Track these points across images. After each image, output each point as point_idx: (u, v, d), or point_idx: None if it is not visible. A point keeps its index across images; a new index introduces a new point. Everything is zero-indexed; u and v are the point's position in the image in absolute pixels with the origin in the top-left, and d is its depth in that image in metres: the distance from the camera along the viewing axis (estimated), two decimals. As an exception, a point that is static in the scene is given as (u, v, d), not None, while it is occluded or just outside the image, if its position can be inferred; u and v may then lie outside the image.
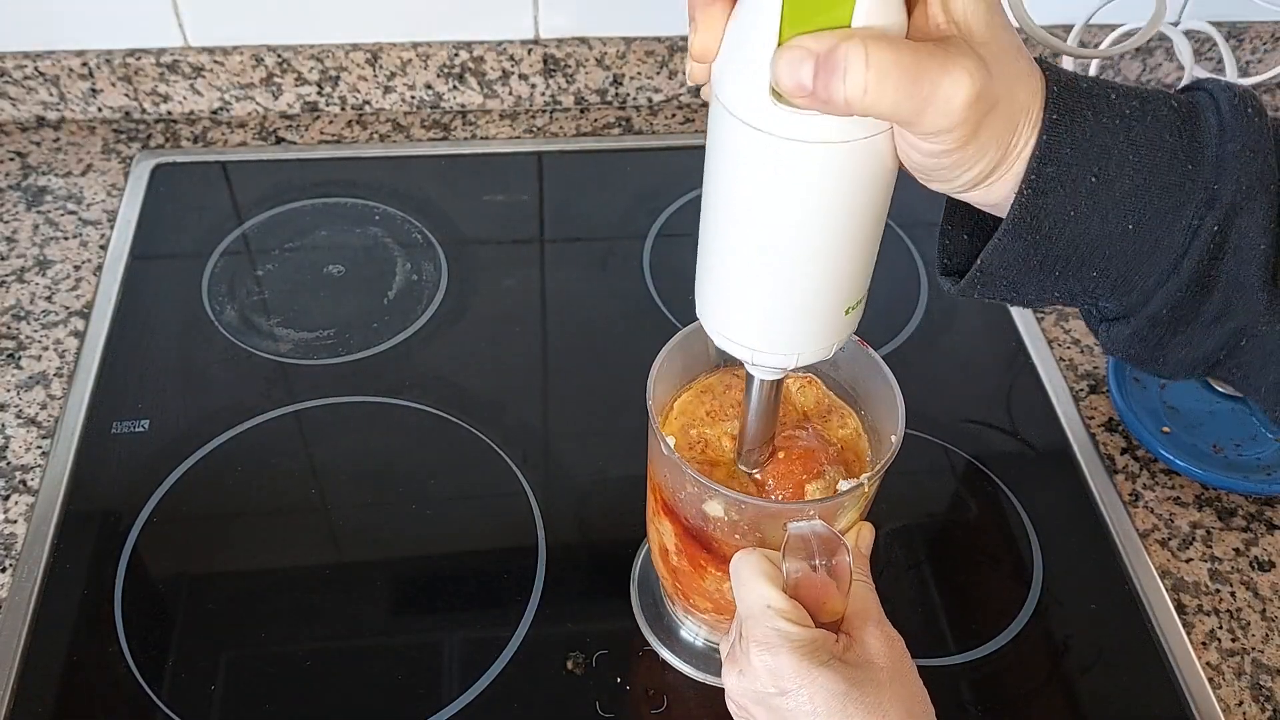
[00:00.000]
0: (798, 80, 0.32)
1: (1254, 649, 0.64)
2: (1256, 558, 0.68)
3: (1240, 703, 0.62)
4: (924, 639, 0.63)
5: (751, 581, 0.46)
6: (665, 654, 0.62)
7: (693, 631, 0.62)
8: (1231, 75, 0.68)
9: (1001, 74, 0.33)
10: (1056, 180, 0.34)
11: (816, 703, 0.43)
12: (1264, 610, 0.66)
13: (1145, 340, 0.38)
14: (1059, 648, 0.64)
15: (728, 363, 0.55)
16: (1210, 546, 0.69)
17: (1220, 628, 0.65)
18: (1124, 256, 0.36)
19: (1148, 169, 0.34)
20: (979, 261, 0.37)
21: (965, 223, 0.40)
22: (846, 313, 0.41)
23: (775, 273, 0.39)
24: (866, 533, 0.52)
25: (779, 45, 0.32)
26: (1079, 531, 0.69)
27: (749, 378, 0.46)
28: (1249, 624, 0.65)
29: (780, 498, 0.50)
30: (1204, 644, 0.64)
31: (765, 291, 0.40)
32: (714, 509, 0.49)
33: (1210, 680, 0.62)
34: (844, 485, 0.50)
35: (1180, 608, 0.66)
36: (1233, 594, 0.67)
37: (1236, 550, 0.69)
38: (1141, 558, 0.68)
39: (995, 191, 0.36)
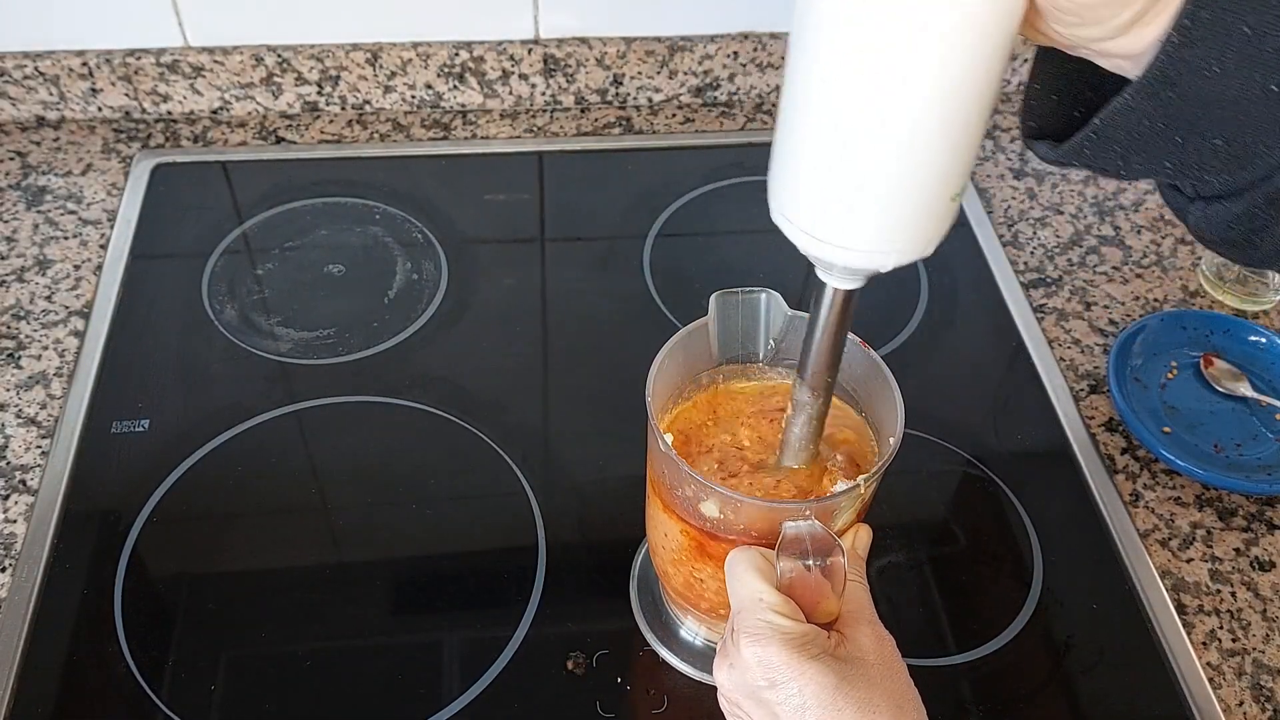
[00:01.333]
0: None
1: (1254, 649, 0.64)
2: (1257, 558, 0.68)
3: (1240, 703, 0.62)
4: (924, 639, 0.63)
5: (745, 576, 0.47)
6: (664, 653, 0.62)
7: (692, 631, 0.62)
8: None
9: None
10: (1210, 27, 0.31)
11: (806, 695, 0.43)
12: (1264, 610, 0.66)
13: (1253, 220, 0.36)
14: (1059, 648, 0.64)
15: (728, 360, 0.55)
16: (1211, 546, 0.69)
17: (1221, 628, 0.65)
18: (1258, 123, 0.33)
19: None
20: (1097, 121, 0.34)
21: (1056, 84, 0.37)
22: (951, 200, 0.37)
23: (881, 150, 0.35)
24: (864, 534, 0.52)
25: None
26: (1079, 531, 0.69)
27: (819, 289, 0.42)
28: (1249, 624, 0.65)
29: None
30: (1204, 644, 0.64)
31: (868, 174, 0.35)
32: (710, 508, 0.49)
33: (1210, 680, 0.62)
34: (840, 486, 0.50)
35: (1180, 608, 0.66)
36: (1233, 594, 0.67)
37: (1237, 550, 0.69)
38: (1142, 558, 0.68)
39: (1144, 37, 0.33)
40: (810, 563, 0.45)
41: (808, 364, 0.46)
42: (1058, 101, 0.37)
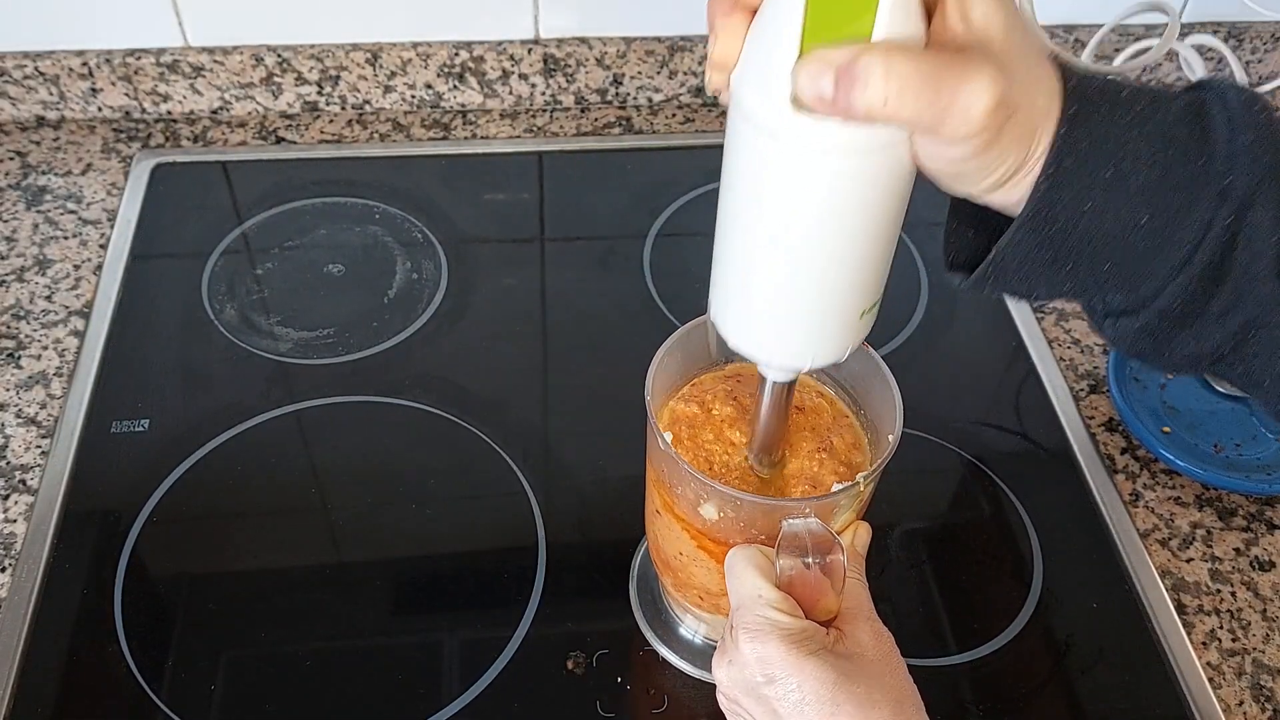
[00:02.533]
0: (818, 90, 0.32)
1: (1254, 649, 0.64)
2: (1257, 558, 0.68)
3: (1240, 703, 0.62)
4: (924, 639, 0.63)
5: (744, 573, 0.47)
6: (664, 652, 0.62)
7: (692, 629, 0.62)
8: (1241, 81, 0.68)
9: (1021, 79, 0.33)
10: (1074, 173, 0.34)
11: (805, 691, 0.43)
12: (1264, 610, 0.66)
13: (1154, 334, 0.38)
14: (1059, 648, 0.64)
15: (728, 359, 0.55)
16: (1210, 546, 0.69)
17: (1220, 628, 0.65)
18: (1137, 250, 0.36)
19: (1162, 163, 0.35)
20: (993, 255, 0.37)
21: (970, 219, 0.40)
22: (861, 316, 0.42)
23: (793, 277, 0.39)
24: (863, 532, 0.52)
25: (800, 56, 0.33)
26: (1079, 531, 0.69)
27: (761, 379, 0.47)
28: (1249, 624, 0.65)
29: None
30: (1204, 644, 0.64)
31: (782, 295, 0.40)
32: (710, 506, 0.49)
33: (1210, 680, 0.62)
34: (838, 485, 0.50)
35: (1180, 608, 0.66)
36: (1233, 594, 0.67)
37: (1237, 550, 0.69)
38: (1142, 558, 0.68)
39: (1016, 192, 0.36)
40: (810, 560, 0.45)
41: (755, 441, 0.50)
42: (971, 236, 0.40)
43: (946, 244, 0.41)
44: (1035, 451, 0.74)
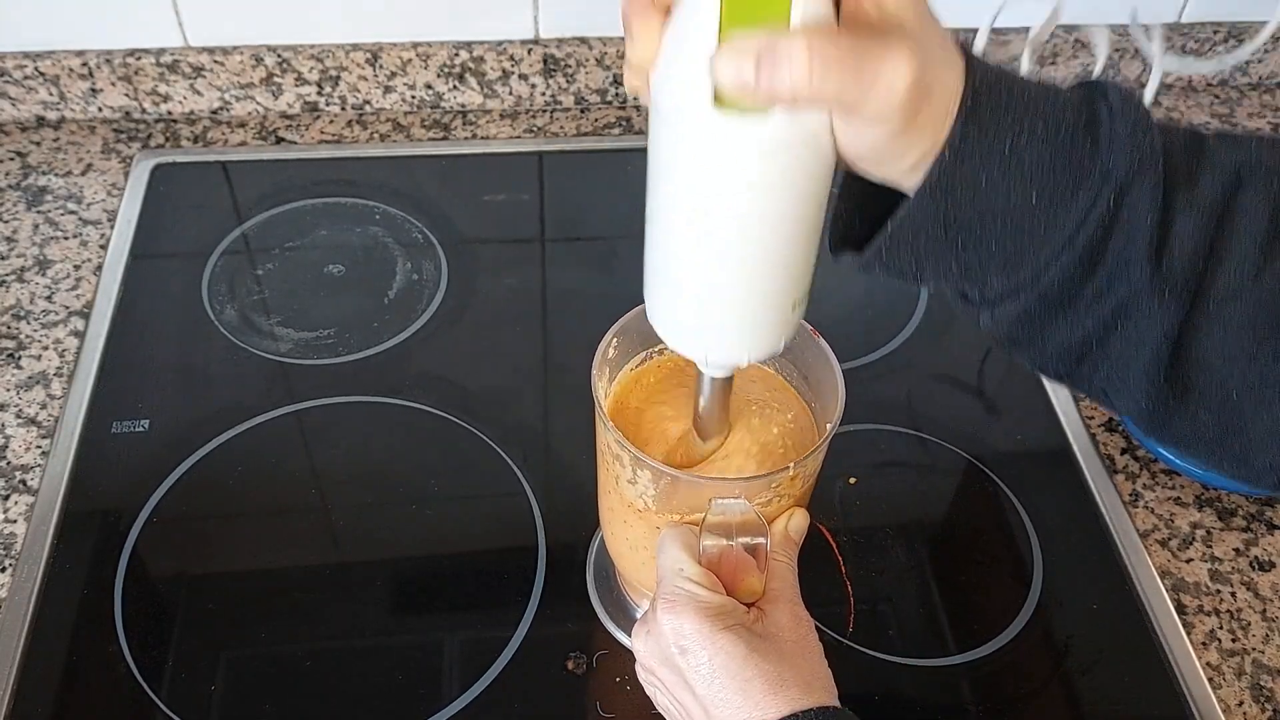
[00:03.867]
0: (740, 77, 0.33)
1: (1254, 649, 0.64)
2: (1256, 558, 0.68)
3: (1240, 703, 0.62)
4: (924, 639, 0.63)
5: (669, 548, 0.48)
6: (623, 637, 0.62)
7: None
8: (1157, 70, 0.68)
9: (934, 59, 0.35)
10: (974, 146, 0.36)
11: (715, 664, 0.45)
12: (1264, 610, 0.66)
13: (1031, 320, 0.40)
14: (1059, 648, 0.64)
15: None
16: (1210, 546, 0.69)
17: (1220, 628, 0.65)
18: (1025, 228, 0.37)
19: (1054, 144, 0.36)
20: (889, 227, 0.38)
21: (860, 204, 0.41)
22: (794, 308, 0.42)
23: (722, 274, 0.40)
24: (799, 518, 0.52)
25: (719, 45, 0.33)
26: (1079, 531, 0.69)
27: (700, 375, 0.47)
28: (1249, 624, 0.65)
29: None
30: (1204, 644, 0.64)
31: (713, 293, 0.41)
32: (644, 481, 0.50)
33: (1210, 680, 0.62)
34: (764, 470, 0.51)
35: (1180, 608, 0.66)
36: (1233, 594, 0.67)
37: (1236, 550, 0.69)
38: (1141, 558, 0.68)
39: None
40: (735, 541, 0.46)
41: (698, 430, 0.51)
42: (860, 219, 0.41)
43: (833, 227, 0.42)
44: (1035, 452, 0.74)
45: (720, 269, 0.40)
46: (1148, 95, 0.70)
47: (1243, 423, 0.40)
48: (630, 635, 0.61)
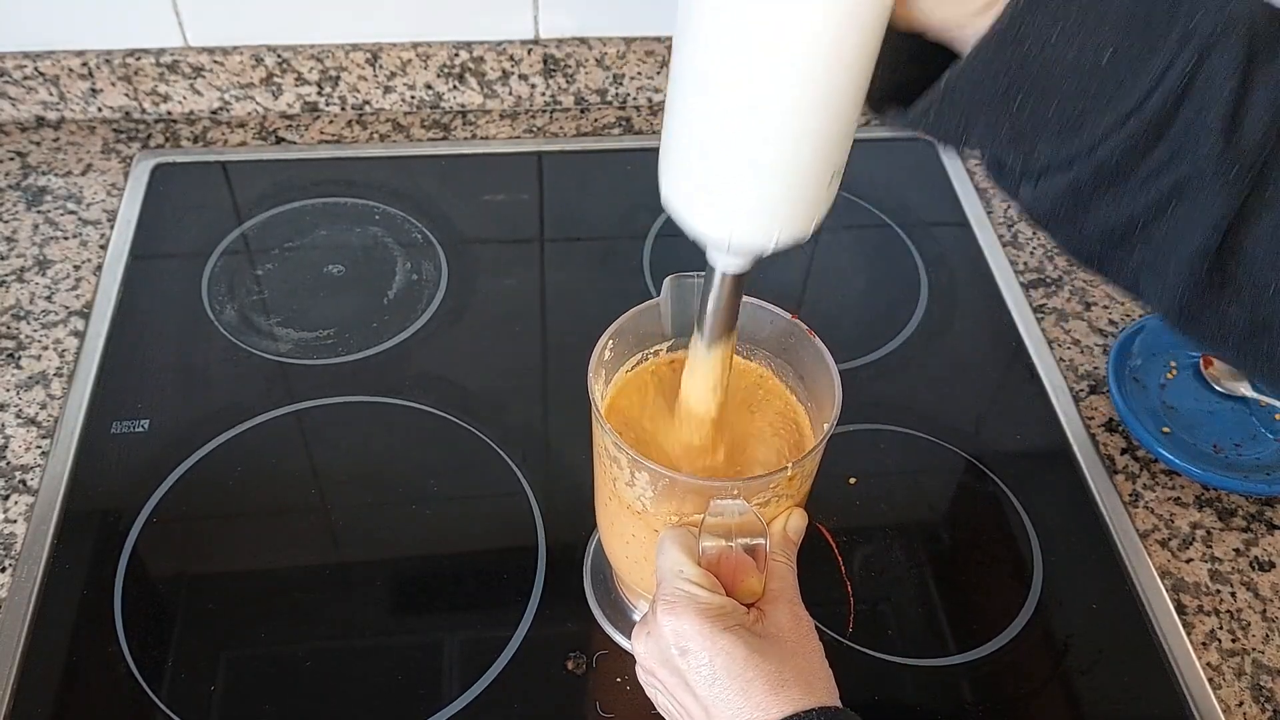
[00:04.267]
0: None
1: (1254, 649, 0.64)
2: (1256, 558, 0.68)
3: (1240, 703, 0.62)
4: (924, 639, 0.63)
5: (669, 550, 0.48)
6: (619, 639, 0.62)
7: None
8: None
9: None
10: None
11: (716, 665, 0.44)
12: (1264, 611, 0.66)
13: (1077, 195, 0.38)
14: (1059, 648, 0.64)
15: (680, 335, 0.55)
16: (1210, 547, 0.69)
17: (1220, 628, 0.65)
18: (1091, 89, 0.35)
19: None
20: (945, 80, 0.36)
21: (906, 56, 0.39)
22: (830, 180, 0.39)
23: (760, 141, 0.36)
24: (797, 518, 0.52)
25: None
26: (1079, 531, 0.69)
27: (710, 274, 0.44)
28: (1249, 624, 0.65)
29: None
30: (1204, 644, 0.64)
31: (748, 162, 0.37)
32: (642, 482, 0.49)
33: (1210, 680, 0.62)
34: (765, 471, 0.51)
35: (1180, 608, 0.66)
36: (1233, 594, 0.67)
37: (1236, 550, 0.69)
38: (1141, 558, 0.68)
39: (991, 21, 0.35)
40: (734, 542, 0.46)
41: (704, 331, 0.47)
42: (907, 73, 0.39)
43: (882, 78, 0.39)
44: (1035, 452, 0.74)
45: (759, 135, 0.36)
46: None
47: (1274, 320, 0.38)
48: (628, 637, 0.61)
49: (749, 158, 0.37)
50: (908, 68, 0.39)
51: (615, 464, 0.50)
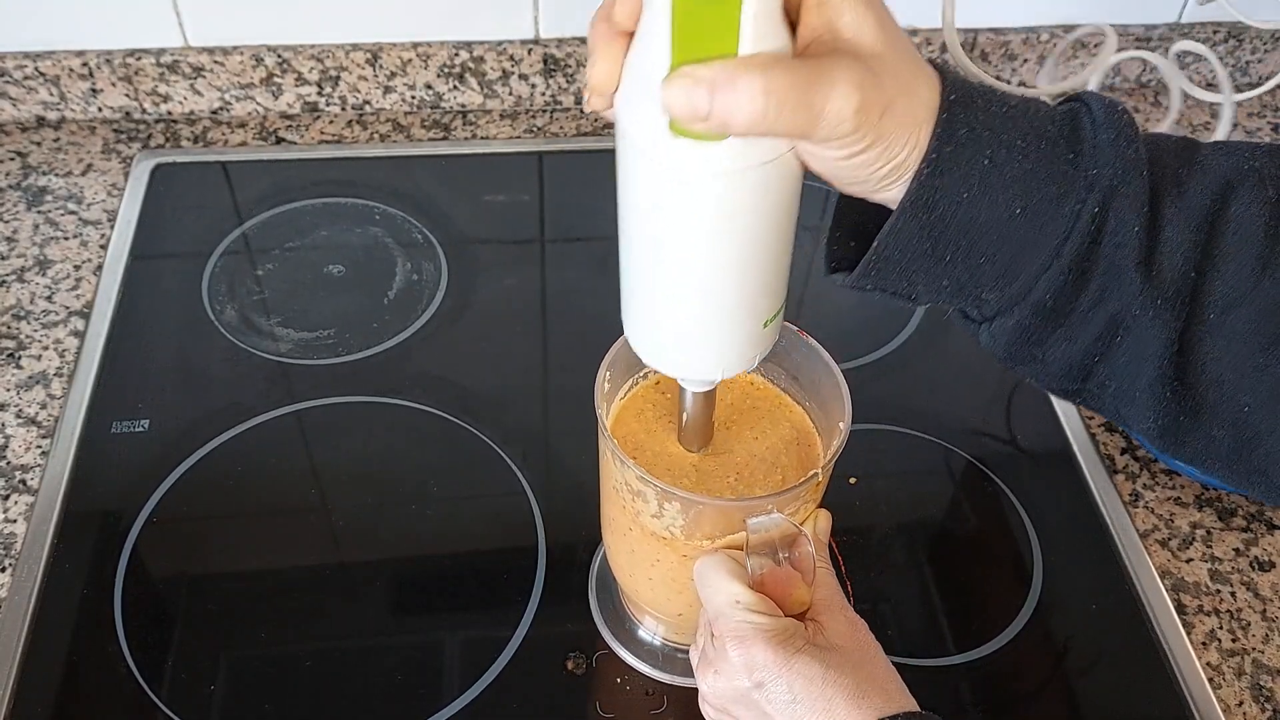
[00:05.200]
0: (692, 107, 0.33)
1: (1254, 649, 0.64)
2: (1256, 558, 0.68)
3: (1240, 703, 0.62)
4: (924, 639, 0.63)
5: (716, 580, 0.47)
6: (624, 654, 0.61)
7: (650, 631, 0.62)
8: (1226, 90, 0.67)
9: (896, 76, 0.34)
10: (953, 160, 0.36)
11: (796, 690, 0.44)
12: (1264, 610, 0.66)
13: (1028, 334, 0.40)
14: (1059, 648, 0.64)
15: None
16: (1210, 547, 0.69)
17: (1220, 628, 0.65)
18: (1012, 241, 0.37)
19: (1035, 155, 0.36)
20: (876, 244, 0.38)
21: (852, 227, 0.41)
22: (765, 325, 0.43)
23: (693, 295, 0.40)
24: (823, 520, 0.52)
25: (668, 74, 0.33)
26: (1079, 531, 0.69)
27: (681, 389, 0.48)
28: (1249, 624, 0.65)
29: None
30: (1204, 644, 0.64)
31: (685, 313, 0.41)
32: (671, 512, 0.49)
33: (1210, 680, 0.62)
34: (794, 481, 0.50)
35: (1180, 608, 0.66)
36: (1233, 594, 0.67)
37: (1236, 550, 0.69)
38: (1141, 558, 0.68)
39: (905, 187, 0.37)
40: (780, 556, 0.46)
41: (684, 438, 0.52)
42: (853, 242, 0.41)
43: (828, 250, 0.42)
44: (1035, 452, 0.74)
45: (687, 292, 0.40)
46: (1169, 119, 0.69)
47: (1258, 437, 0.39)
48: (629, 648, 0.61)
49: (685, 314, 0.41)
50: (851, 233, 0.41)
51: (640, 498, 0.49)
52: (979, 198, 0.36)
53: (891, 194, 0.37)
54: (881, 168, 0.36)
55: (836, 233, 0.42)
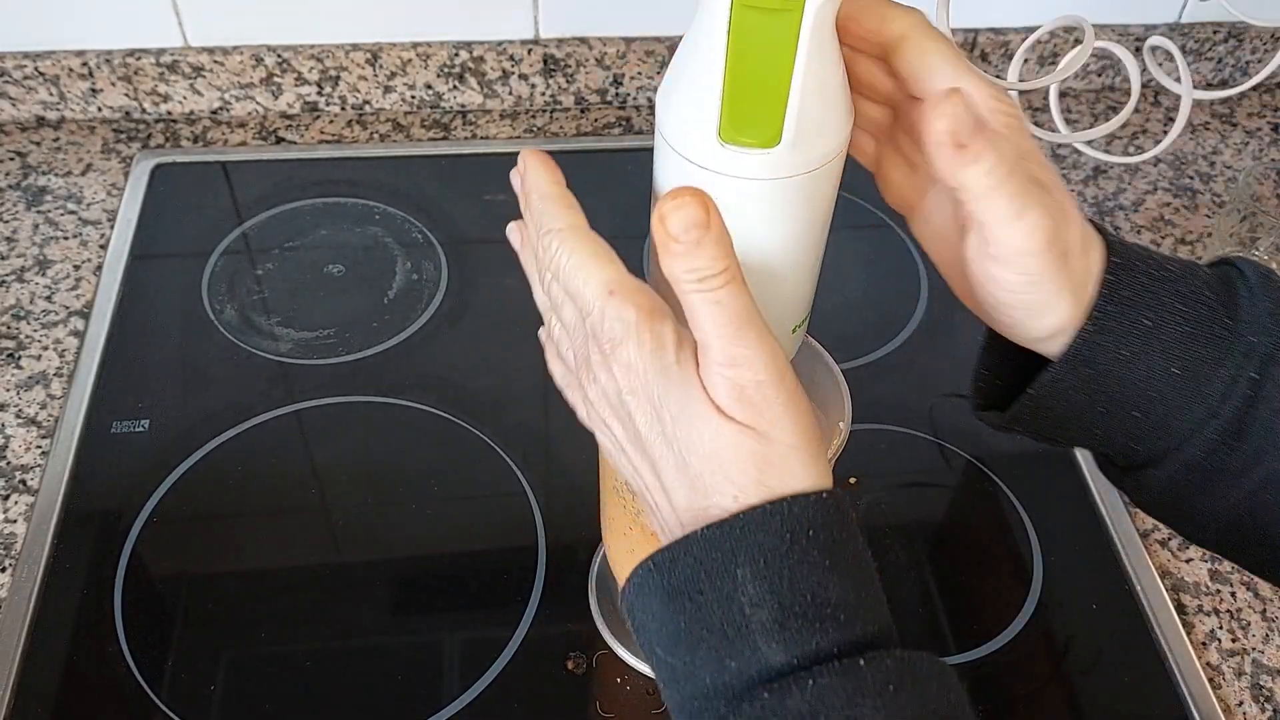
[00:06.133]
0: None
1: (1254, 649, 0.64)
2: (1256, 558, 0.68)
3: (1240, 703, 0.62)
4: (924, 639, 0.63)
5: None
6: (623, 653, 0.61)
7: None
8: (1186, 85, 0.67)
9: (1069, 223, 0.37)
10: (1115, 318, 0.38)
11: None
12: (1264, 610, 0.66)
13: (1177, 489, 0.41)
14: (1059, 648, 0.64)
15: None
16: (1210, 546, 0.69)
17: (1220, 628, 0.65)
18: (1166, 399, 0.39)
19: (1194, 320, 0.38)
20: (1030, 390, 0.39)
21: (1001, 369, 0.43)
22: (793, 331, 0.44)
23: None
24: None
25: (722, 103, 0.34)
26: (1079, 531, 0.69)
27: None
28: (1249, 624, 0.65)
29: None
30: (1204, 644, 0.64)
31: None
32: None
33: (1210, 680, 0.62)
34: None
35: (1180, 608, 0.66)
36: (1233, 594, 0.67)
37: (1236, 550, 0.69)
38: (1141, 558, 0.68)
39: (1064, 339, 0.39)
40: None
41: None
42: (1000, 384, 0.43)
43: (975, 387, 0.43)
44: (1035, 451, 0.74)
45: None
46: (1176, 128, 0.70)
47: None
48: (629, 648, 0.61)
49: None
50: (1001, 372, 0.43)
51: (640, 498, 0.50)
52: (1137, 357, 0.38)
53: (1057, 344, 0.39)
54: (1053, 307, 0.38)
55: (984, 371, 0.43)
